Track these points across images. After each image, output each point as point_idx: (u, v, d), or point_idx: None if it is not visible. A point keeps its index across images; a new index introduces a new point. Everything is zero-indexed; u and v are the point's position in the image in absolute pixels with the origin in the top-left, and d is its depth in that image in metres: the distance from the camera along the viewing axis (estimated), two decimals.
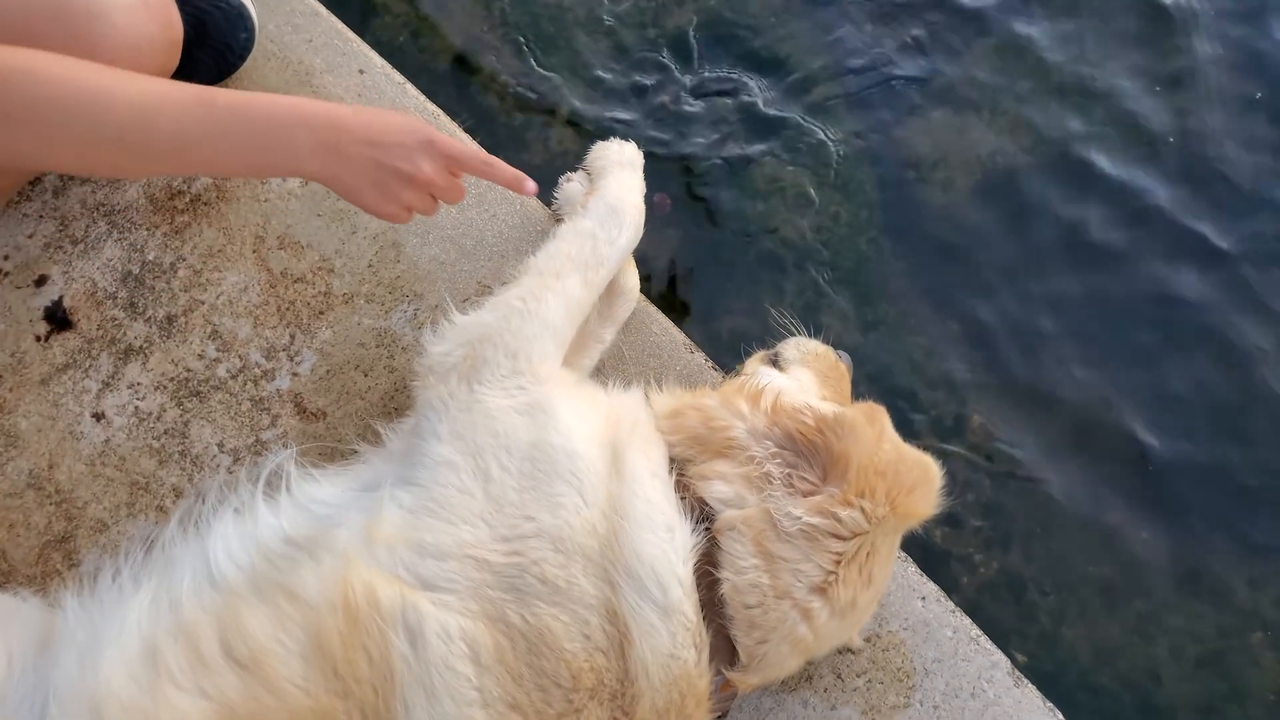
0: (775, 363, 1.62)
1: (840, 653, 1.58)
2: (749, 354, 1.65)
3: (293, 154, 1.27)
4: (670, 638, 1.23)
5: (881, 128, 2.33)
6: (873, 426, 1.36)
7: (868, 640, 1.59)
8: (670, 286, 2.13)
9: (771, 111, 2.31)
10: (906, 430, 2.11)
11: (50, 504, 1.64)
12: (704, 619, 1.27)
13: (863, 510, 1.28)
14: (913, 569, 1.67)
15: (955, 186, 2.29)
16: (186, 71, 1.74)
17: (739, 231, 2.21)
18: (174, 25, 1.60)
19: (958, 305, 2.22)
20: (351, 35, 1.93)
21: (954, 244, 2.24)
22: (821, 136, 2.31)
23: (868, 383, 2.13)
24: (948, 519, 2.09)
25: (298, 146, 1.27)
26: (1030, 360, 2.23)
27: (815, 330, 1.69)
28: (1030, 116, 2.33)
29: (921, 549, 2.04)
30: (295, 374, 1.71)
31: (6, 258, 1.77)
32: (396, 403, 1.68)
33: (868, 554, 1.31)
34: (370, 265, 1.77)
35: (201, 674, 1.20)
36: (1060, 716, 1.59)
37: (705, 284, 2.13)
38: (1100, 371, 2.23)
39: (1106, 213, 2.32)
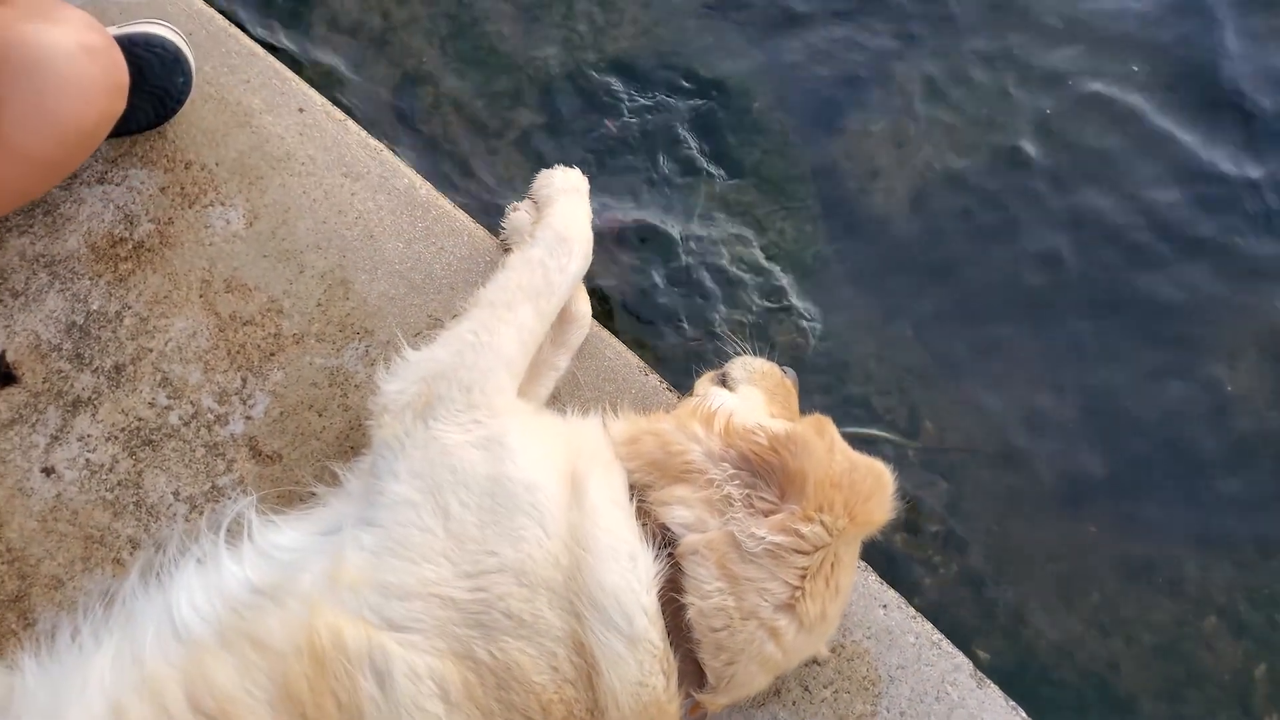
0: (724, 383, 1.64)
1: (807, 665, 1.60)
2: (699, 374, 1.67)
3: None
4: (638, 666, 1.24)
5: (820, 141, 2.36)
6: (823, 439, 1.39)
7: (833, 651, 1.62)
8: (623, 310, 2.15)
9: (713, 131, 2.34)
10: (863, 438, 2.17)
11: (1, 563, 1.61)
12: (671, 644, 1.29)
13: (823, 524, 1.31)
14: (873, 578, 1.70)
15: (895, 194, 2.33)
16: (125, 117, 1.72)
17: (689, 252, 2.23)
18: (118, 69, 1.59)
19: (907, 311, 2.26)
20: (290, 74, 1.92)
21: (899, 250, 2.29)
22: (763, 154, 2.34)
23: (822, 393, 2.16)
24: (907, 524, 2.12)
25: None
26: (982, 361, 2.27)
27: (768, 346, 1.72)
28: (964, 123, 2.39)
29: (883, 554, 2.08)
30: (249, 417, 1.70)
31: None
32: (352, 441, 1.67)
33: (832, 565, 1.33)
34: (319, 304, 1.76)
35: None
36: (1023, 714, 1.62)
37: (658, 306, 2.15)
38: (1049, 369, 2.29)
39: (1042, 213, 2.38)
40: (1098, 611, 2.12)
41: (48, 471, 1.67)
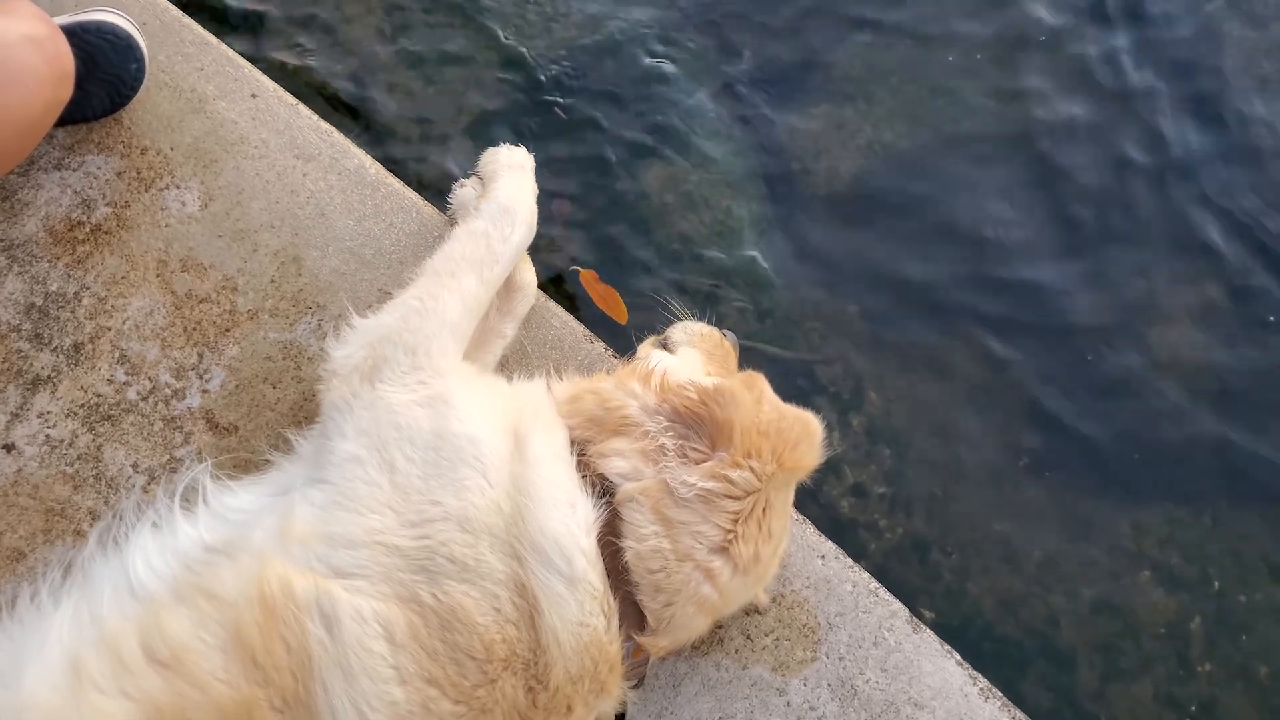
0: (665, 346, 1.71)
1: (748, 614, 1.67)
2: (642, 340, 1.74)
3: None
4: (578, 606, 1.30)
5: (765, 124, 2.45)
6: (751, 392, 1.45)
7: (773, 600, 1.68)
8: (574, 286, 2.22)
9: (660, 115, 2.42)
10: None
11: None
12: (611, 587, 1.34)
13: (752, 469, 1.37)
14: (811, 530, 1.76)
15: (838, 174, 2.42)
16: (80, 104, 1.77)
17: (637, 231, 2.30)
18: (62, 59, 1.64)
19: (849, 286, 2.34)
20: (242, 61, 1.98)
21: (840, 229, 2.37)
22: (709, 136, 2.42)
23: (766, 365, 2.23)
24: (853, 488, 2.20)
25: None
26: (922, 334, 2.36)
27: (713, 316, 1.79)
28: (902, 105, 2.48)
29: (830, 519, 2.15)
30: (205, 391, 1.75)
31: None
32: (306, 412, 1.72)
33: (763, 509, 1.40)
34: (273, 281, 1.82)
35: (124, 677, 1.23)
36: (957, 656, 1.69)
37: (607, 281, 2.22)
38: (988, 341, 2.37)
39: (976, 193, 2.47)
40: (1038, 570, 2.20)
41: (8, 448, 1.71)
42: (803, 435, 1.45)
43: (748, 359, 1.75)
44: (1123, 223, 2.46)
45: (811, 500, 2.13)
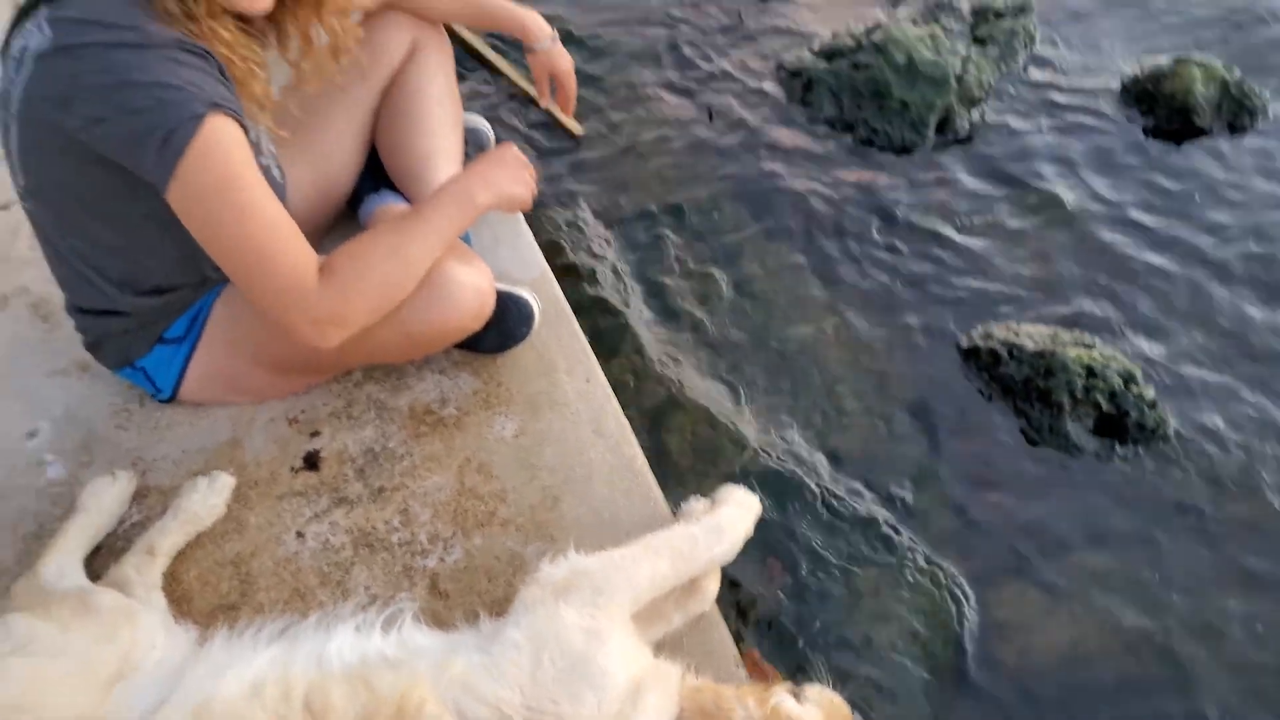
0: (796, 696, 1.90)
1: None
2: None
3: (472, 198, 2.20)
4: None
5: (984, 578, 2.65)
6: None
7: None
8: (749, 617, 2.47)
9: (893, 533, 2.72)
10: None
11: (237, 579, 2.16)
12: None
13: None
14: None
15: (1031, 654, 2.52)
16: (477, 339, 2.46)
17: (826, 615, 2.54)
18: (487, 308, 2.35)
19: None
20: (591, 355, 2.63)
21: (1011, 701, 2.44)
22: (931, 569, 2.67)
23: None
24: None
25: (474, 193, 2.20)
26: None
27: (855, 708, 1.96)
28: (1114, 620, 2.58)
29: None
30: (442, 560, 2.20)
31: (304, 411, 2.47)
32: (501, 610, 2.09)
33: None
34: (531, 506, 2.30)
35: (283, 708, 1.60)
36: None
37: (784, 637, 2.45)
38: None
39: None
40: None
41: (299, 534, 2.24)
42: None
43: None
44: None
45: None
